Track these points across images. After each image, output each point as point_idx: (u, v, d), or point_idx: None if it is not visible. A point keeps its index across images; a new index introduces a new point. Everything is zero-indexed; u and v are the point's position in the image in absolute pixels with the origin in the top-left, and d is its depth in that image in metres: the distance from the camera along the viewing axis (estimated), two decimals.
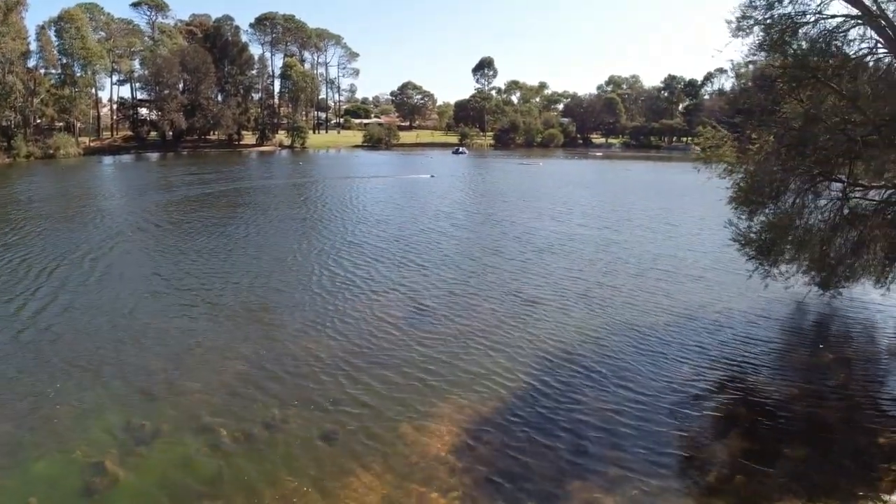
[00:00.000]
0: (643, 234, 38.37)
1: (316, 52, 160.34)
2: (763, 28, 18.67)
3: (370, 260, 30.01)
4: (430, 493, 11.41)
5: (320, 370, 16.90)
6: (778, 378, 17.33)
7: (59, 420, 14.08)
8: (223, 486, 11.67)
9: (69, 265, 27.98)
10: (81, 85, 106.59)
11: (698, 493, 11.86)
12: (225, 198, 53.27)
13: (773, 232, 19.04)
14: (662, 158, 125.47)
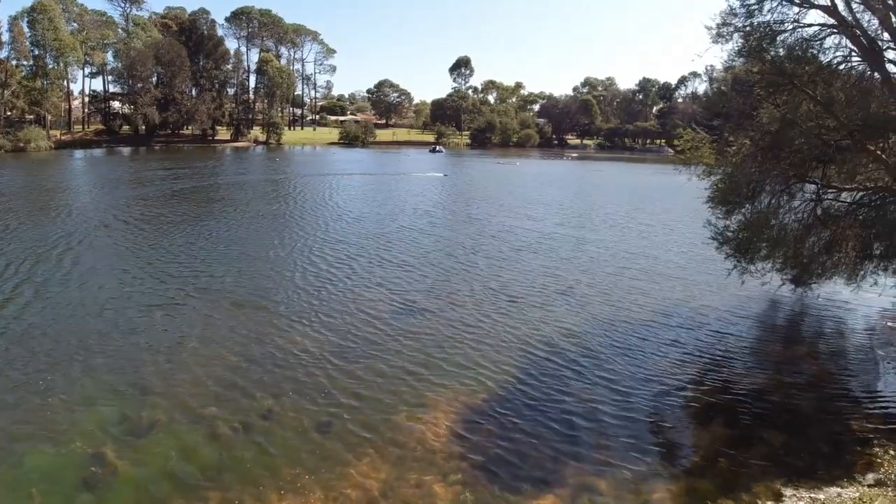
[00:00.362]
0: (619, 232, 39.18)
1: (292, 47, 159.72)
2: (742, 35, 19.32)
3: (353, 256, 30.24)
4: (427, 480, 11.77)
5: (310, 363, 17.14)
6: (754, 370, 18.07)
7: (53, 413, 14.09)
8: (222, 476, 11.87)
9: (47, 260, 27.71)
10: (53, 77, 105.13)
11: (683, 475, 12.43)
12: (201, 194, 53.06)
13: (749, 231, 19.74)
14: (636, 160, 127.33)
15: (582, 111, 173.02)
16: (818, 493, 11.47)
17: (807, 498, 11.36)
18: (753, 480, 12.01)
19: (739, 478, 12.14)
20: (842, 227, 19.92)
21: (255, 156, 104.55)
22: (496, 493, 11.41)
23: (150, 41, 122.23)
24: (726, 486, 11.84)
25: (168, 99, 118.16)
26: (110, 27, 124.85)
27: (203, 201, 48.62)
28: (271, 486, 11.53)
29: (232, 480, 11.68)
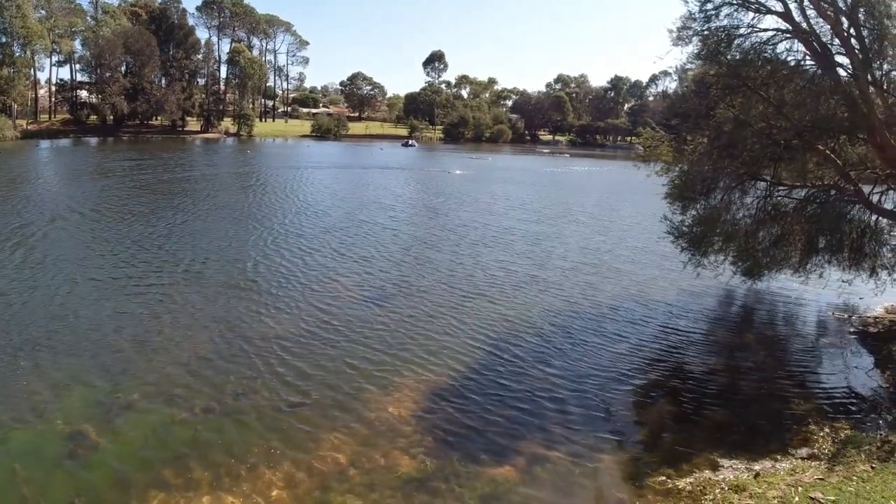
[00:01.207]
0: (583, 227, 40.28)
1: (265, 38, 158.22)
2: (701, 39, 20.26)
3: (321, 248, 30.81)
4: (394, 451, 12.58)
5: (281, 348, 17.74)
6: (703, 355, 19.23)
7: (33, 394, 14.48)
8: (199, 449, 12.48)
9: (9, 250, 27.89)
10: (20, 65, 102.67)
11: (630, 447, 13.43)
12: (169, 185, 52.92)
13: (703, 225, 20.78)
14: (606, 157, 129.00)
15: (554, 107, 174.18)
16: (754, 465, 12.45)
17: (742, 468, 12.33)
18: (695, 452, 12.98)
19: (682, 449, 13.11)
20: (790, 223, 21.11)
21: (226, 148, 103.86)
22: (456, 463, 12.23)
23: (120, 29, 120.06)
24: (669, 457, 12.80)
25: (137, 89, 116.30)
26: (79, 15, 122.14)
27: (170, 193, 48.37)
28: (244, 459, 12.16)
29: (207, 454, 12.30)
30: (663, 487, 11.65)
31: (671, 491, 11.53)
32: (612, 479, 12.08)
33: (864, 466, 11.99)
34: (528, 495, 11.27)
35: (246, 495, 11.07)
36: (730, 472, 12.23)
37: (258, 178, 61.45)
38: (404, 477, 11.73)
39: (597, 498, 11.38)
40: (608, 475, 12.17)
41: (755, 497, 10.97)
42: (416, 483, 11.54)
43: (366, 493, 11.15)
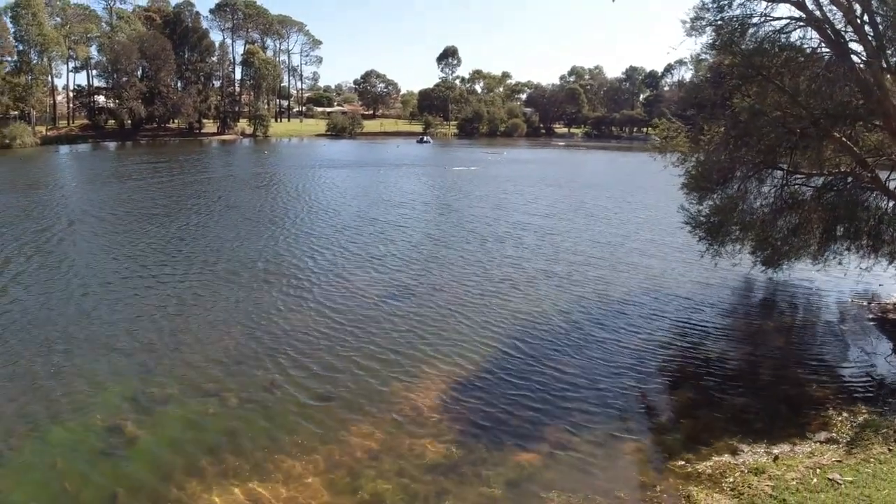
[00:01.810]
0: (602, 218, 40.38)
1: (278, 39, 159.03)
2: (714, 28, 20.38)
3: (345, 244, 31.35)
4: (421, 439, 13.00)
5: (306, 343, 18.25)
6: (723, 343, 19.42)
7: (70, 390, 15.06)
8: (236, 441, 12.96)
9: (37, 251, 28.75)
10: (37, 72, 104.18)
11: (650, 433, 13.75)
12: (189, 186, 53.75)
13: (720, 215, 20.88)
14: (622, 148, 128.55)
15: (569, 100, 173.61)
16: (773, 448, 12.68)
17: (762, 452, 12.57)
18: (714, 437, 13.26)
19: (702, 435, 13.40)
20: (808, 211, 21.16)
21: (243, 148, 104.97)
22: (482, 449, 12.63)
23: (135, 34, 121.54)
24: (688, 442, 13.09)
25: (153, 92, 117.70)
26: (94, 21, 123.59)
27: (189, 194, 49.17)
28: (279, 448, 12.65)
29: (243, 445, 12.77)
30: (684, 471, 11.93)
31: (691, 474, 11.81)
32: (633, 463, 12.41)
33: (882, 449, 12.17)
34: (553, 479, 11.62)
35: (282, 482, 11.53)
36: (749, 455, 12.48)
37: (279, 177, 62.10)
38: (432, 463, 12.15)
39: (619, 481, 11.67)
40: (629, 460, 12.50)
41: (774, 479, 11.21)
42: (443, 469, 11.95)
43: (396, 479, 11.57)
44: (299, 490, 11.28)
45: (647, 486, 11.47)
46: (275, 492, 11.25)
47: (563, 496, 11.02)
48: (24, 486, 11.51)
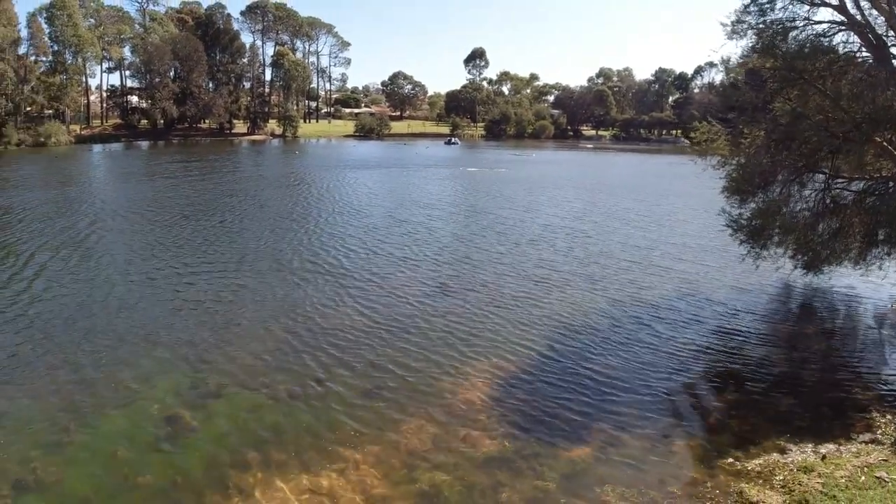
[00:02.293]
0: (640, 220, 40.30)
1: (307, 40, 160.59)
2: (756, 32, 20.49)
3: (386, 243, 31.82)
4: (473, 433, 13.34)
5: (354, 338, 18.70)
6: (764, 346, 19.44)
7: (123, 383, 15.57)
8: (289, 432, 13.39)
9: (78, 248, 29.59)
10: (72, 72, 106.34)
11: (698, 431, 13.96)
12: (224, 185, 54.59)
13: (761, 218, 20.92)
14: (651, 151, 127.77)
15: (597, 102, 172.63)
16: (819, 448, 12.84)
17: (809, 451, 12.74)
18: (762, 437, 13.46)
19: (749, 434, 13.62)
20: (849, 215, 21.15)
21: (273, 149, 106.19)
22: (534, 444, 12.95)
23: (168, 36, 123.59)
24: (736, 441, 13.30)
25: (185, 93, 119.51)
26: (127, 22, 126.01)
27: (223, 193, 49.98)
28: (332, 440, 13.04)
29: (297, 437, 13.19)
30: (733, 469, 12.14)
31: (741, 472, 12.01)
32: (684, 460, 12.61)
33: None
34: (606, 474, 11.89)
35: (339, 473, 11.91)
36: (797, 454, 12.65)
37: (310, 177, 62.74)
38: (485, 456, 12.47)
39: (671, 477, 11.88)
40: (680, 457, 12.71)
41: (823, 476, 11.41)
42: (497, 462, 12.26)
43: (451, 471, 11.90)
44: (357, 481, 11.64)
45: (698, 482, 11.69)
46: (333, 482, 11.63)
47: (617, 490, 11.29)
48: (83, 475, 11.95)
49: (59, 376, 15.92)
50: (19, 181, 55.69)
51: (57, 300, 21.80)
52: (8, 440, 12.87)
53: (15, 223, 35.08)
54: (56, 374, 16.01)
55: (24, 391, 15.05)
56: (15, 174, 60.93)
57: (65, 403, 14.56)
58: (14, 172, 62.40)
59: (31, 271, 25.38)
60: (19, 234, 32.15)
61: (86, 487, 11.53)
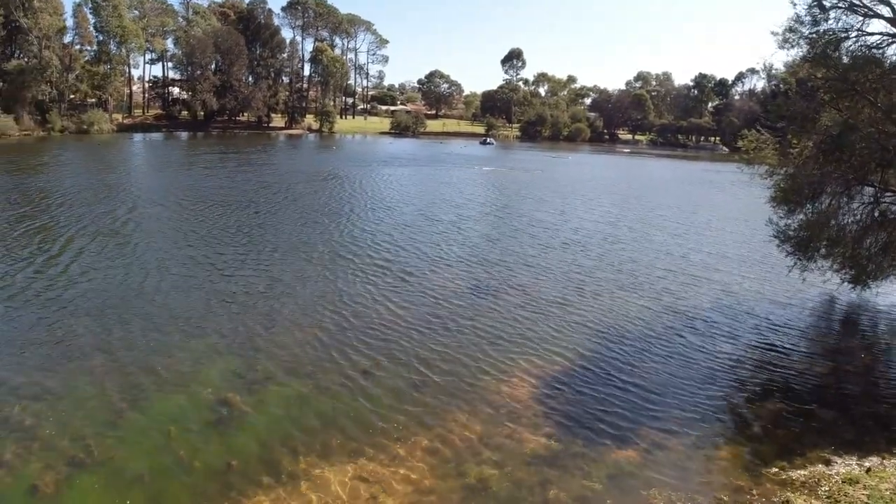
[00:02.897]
0: (680, 228, 40.04)
1: (346, 37, 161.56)
2: (808, 42, 20.40)
3: (426, 242, 32.09)
4: (520, 430, 13.59)
5: (397, 332, 19.04)
6: (808, 358, 19.34)
7: (175, 366, 16.08)
8: (337, 421, 13.75)
9: (123, 234, 30.42)
10: (116, 62, 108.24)
11: (743, 440, 14.00)
12: (267, 178, 55.18)
13: (809, 230, 20.81)
14: (689, 157, 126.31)
15: (635, 106, 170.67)
16: (863, 461, 12.88)
17: (853, 463, 12.79)
18: (806, 447, 13.51)
19: (794, 444, 13.67)
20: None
21: (310, 143, 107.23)
22: (580, 444, 13.16)
23: (210, 29, 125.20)
24: (781, 451, 13.35)
25: (225, 86, 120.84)
26: (170, 15, 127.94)
27: (263, 184, 50.50)
28: (380, 430, 13.39)
29: (345, 426, 13.54)
30: (779, 478, 12.21)
31: (786, 482, 12.08)
32: (729, 467, 12.71)
33: None
34: (652, 477, 12.04)
35: (387, 463, 12.23)
36: (842, 466, 12.69)
37: (349, 173, 62.85)
38: (532, 454, 12.70)
39: (717, 484, 12.01)
40: (725, 464, 12.81)
41: (869, 489, 11.47)
42: (544, 460, 12.49)
43: (500, 467, 12.15)
44: (405, 471, 11.95)
45: (744, 490, 11.78)
46: (382, 471, 11.95)
47: (664, 494, 11.44)
48: (136, 454, 12.37)
49: (112, 357, 16.49)
50: (61, 166, 57.44)
51: (103, 284, 22.49)
52: (63, 418, 13.39)
53: (55, 207, 36.14)
54: (109, 356, 16.58)
55: (78, 371, 15.62)
56: (57, 159, 62.75)
57: (118, 384, 15.07)
58: (56, 157, 64.24)
59: (75, 255, 26.21)
60: (63, 219, 33.11)
61: (139, 466, 11.92)
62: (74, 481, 11.40)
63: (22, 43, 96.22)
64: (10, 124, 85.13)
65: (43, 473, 11.49)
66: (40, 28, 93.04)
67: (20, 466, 11.70)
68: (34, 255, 25.93)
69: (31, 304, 20.12)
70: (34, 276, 22.94)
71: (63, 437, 12.70)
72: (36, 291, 21.31)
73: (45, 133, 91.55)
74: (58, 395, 14.42)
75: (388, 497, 11.24)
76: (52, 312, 19.46)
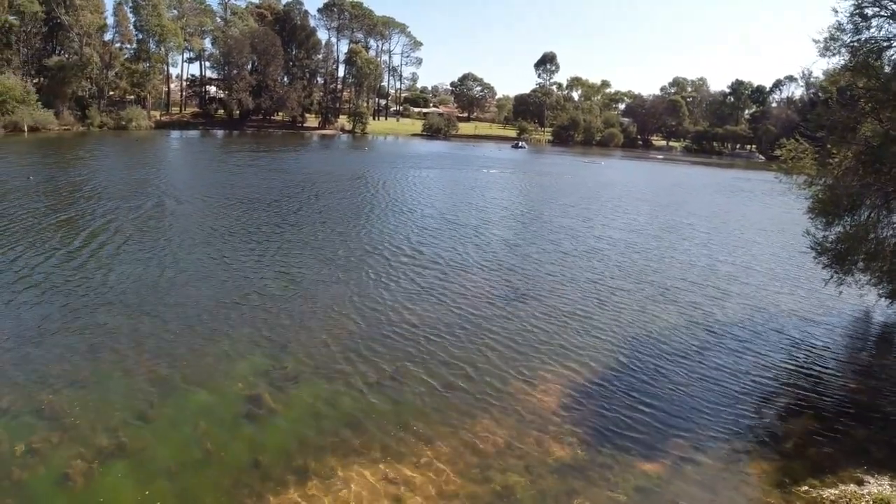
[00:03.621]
0: (712, 239, 39.50)
1: (381, 39, 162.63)
2: (849, 50, 19.99)
3: (457, 243, 32.21)
4: (546, 438, 13.52)
5: (426, 335, 19.09)
6: (842, 374, 18.89)
7: (205, 360, 16.37)
8: (364, 421, 13.84)
9: (155, 230, 30.91)
10: (154, 61, 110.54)
11: (774, 457, 13.70)
12: (302, 177, 55.70)
13: (847, 243, 20.36)
14: (724, 165, 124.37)
15: (669, 112, 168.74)
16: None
17: (886, 484, 12.48)
18: (838, 466, 13.23)
19: (825, 463, 13.39)
20: None
21: (343, 144, 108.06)
22: (606, 455, 13.03)
23: (247, 30, 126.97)
24: (812, 469, 13.10)
25: (261, 86, 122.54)
26: (208, 15, 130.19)
27: (297, 184, 50.98)
28: (407, 432, 13.45)
29: (372, 427, 13.61)
30: (809, 496, 11.98)
31: (817, 500, 11.87)
32: (759, 485, 12.49)
33: None
34: (680, 492, 11.89)
35: (413, 465, 12.27)
36: (874, 486, 12.41)
37: (381, 174, 63.21)
38: (558, 462, 12.64)
39: (746, 501, 11.83)
40: (755, 481, 12.60)
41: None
42: (570, 469, 12.41)
43: (524, 474, 12.12)
44: (431, 475, 11.97)
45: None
46: (407, 474, 11.99)
47: None
48: (169, 446, 12.59)
49: (141, 350, 16.79)
50: (99, 160, 58.95)
51: (133, 277, 22.97)
52: (94, 409, 13.67)
53: (88, 200, 36.97)
54: (138, 348, 16.90)
55: (108, 363, 15.94)
56: (94, 153, 64.20)
57: (148, 376, 15.35)
58: (93, 152, 65.74)
59: (105, 247, 26.86)
60: (95, 211, 33.85)
61: (168, 459, 12.12)
62: (104, 471, 11.60)
63: (63, 40, 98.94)
64: (50, 119, 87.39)
65: (73, 462, 11.72)
66: (81, 25, 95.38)
67: (51, 455, 11.95)
68: (64, 246, 26.65)
69: (63, 295, 20.62)
70: (66, 268, 23.55)
71: (93, 427, 12.94)
72: (67, 283, 21.86)
73: (84, 128, 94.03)
74: (88, 385, 14.73)
75: (412, 499, 11.28)
76: (82, 304, 19.93)
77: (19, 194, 37.72)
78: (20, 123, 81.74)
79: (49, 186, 41.19)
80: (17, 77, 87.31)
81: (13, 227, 29.22)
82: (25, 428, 12.75)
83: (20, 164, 52.68)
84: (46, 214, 32.56)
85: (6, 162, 53.88)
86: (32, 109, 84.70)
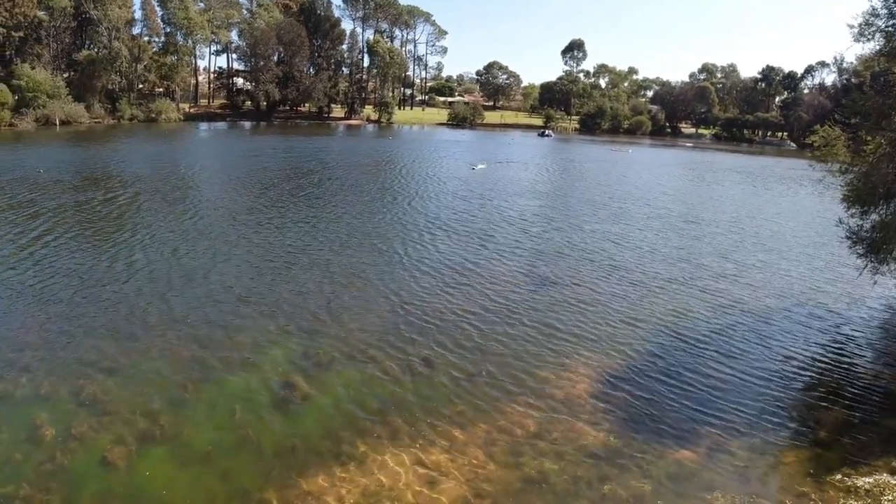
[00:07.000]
0: (743, 226, 39.05)
1: (406, 28, 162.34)
2: (884, 35, 19.64)
3: (484, 234, 32.18)
4: (578, 425, 13.63)
5: (456, 322, 19.30)
6: (876, 363, 18.73)
7: (241, 346, 16.77)
8: (398, 406, 14.09)
9: (198, 218, 31.46)
10: (182, 53, 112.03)
11: (807, 446, 13.68)
12: (333, 166, 56.19)
13: (882, 231, 20.04)
14: (754, 152, 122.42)
15: (698, 99, 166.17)
16: None
17: None
18: (871, 456, 13.16)
19: (858, 452, 13.32)
20: None
21: (369, 133, 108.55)
22: (639, 442, 13.11)
23: (273, 21, 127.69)
24: (846, 458, 13.05)
25: (287, 77, 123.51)
26: (235, 7, 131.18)
27: (329, 177, 51.37)
28: (440, 418, 13.67)
29: (406, 412, 13.85)
30: (843, 485, 11.95)
31: (850, 489, 11.83)
32: (792, 473, 12.48)
33: None
34: (714, 480, 11.91)
35: (446, 450, 12.47)
36: None
37: (409, 163, 63.54)
38: (590, 449, 12.74)
39: (779, 489, 11.84)
40: (788, 469, 12.59)
41: None
42: (602, 456, 12.50)
43: (556, 460, 12.24)
44: (464, 460, 12.16)
45: (806, 496, 11.58)
46: (440, 457, 12.21)
47: (726, 497, 11.34)
48: (206, 430, 12.94)
49: (178, 335, 17.28)
50: (130, 150, 59.96)
51: (168, 264, 23.62)
52: (133, 393, 14.08)
53: (132, 190, 37.61)
54: (175, 333, 17.39)
55: (145, 348, 16.41)
56: (126, 144, 65.40)
57: (185, 362, 15.78)
58: (125, 144, 66.91)
59: (140, 235, 27.66)
60: (135, 202, 34.52)
61: (206, 443, 12.46)
62: (143, 455, 11.94)
63: (92, 34, 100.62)
64: (81, 112, 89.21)
65: (113, 446, 12.08)
66: (110, 19, 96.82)
67: (92, 439, 12.33)
68: (100, 235, 27.47)
69: (101, 283, 21.26)
70: (103, 256, 24.26)
71: (133, 411, 13.32)
72: (105, 271, 22.56)
73: (114, 121, 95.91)
74: (127, 370, 15.16)
75: (446, 483, 11.47)
76: (119, 291, 20.53)
77: (49, 185, 38.70)
78: (52, 117, 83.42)
79: (81, 177, 42.04)
80: (48, 72, 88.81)
81: (46, 217, 29.99)
82: (66, 414, 13.16)
83: (57, 159, 53.79)
84: (85, 203, 33.39)
85: (38, 155, 55.15)
86: (63, 103, 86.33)
